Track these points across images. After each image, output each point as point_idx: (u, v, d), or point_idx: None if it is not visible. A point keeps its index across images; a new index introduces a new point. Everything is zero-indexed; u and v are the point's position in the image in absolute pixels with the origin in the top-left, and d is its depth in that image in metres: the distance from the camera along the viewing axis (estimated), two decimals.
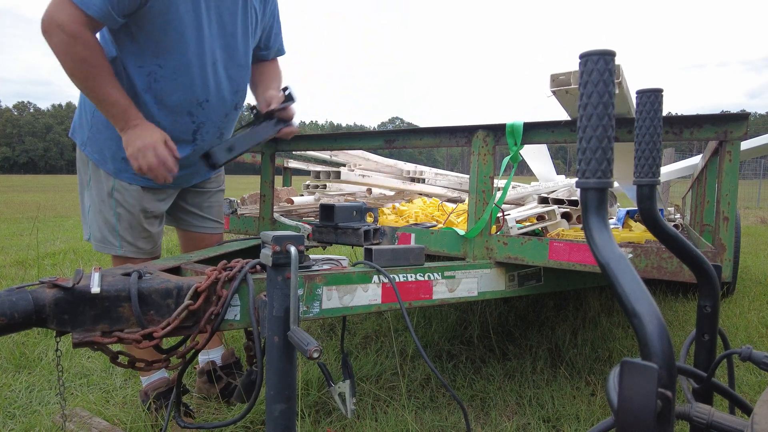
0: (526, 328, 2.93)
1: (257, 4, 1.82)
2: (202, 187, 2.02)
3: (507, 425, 1.87)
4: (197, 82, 1.69)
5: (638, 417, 0.45)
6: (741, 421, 0.64)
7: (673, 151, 6.99)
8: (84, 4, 1.44)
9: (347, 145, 2.22)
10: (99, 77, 1.51)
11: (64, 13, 1.44)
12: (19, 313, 1.02)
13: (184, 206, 2.00)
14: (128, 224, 1.79)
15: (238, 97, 1.85)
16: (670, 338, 0.50)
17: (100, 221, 1.80)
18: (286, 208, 2.84)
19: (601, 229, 0.58)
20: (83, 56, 1.48)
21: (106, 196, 1.78)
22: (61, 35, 1.45)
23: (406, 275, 1.50)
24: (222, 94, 1.77)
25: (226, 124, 1.86)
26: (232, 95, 1.81)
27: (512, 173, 1.85)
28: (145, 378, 1.95)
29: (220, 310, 1.22)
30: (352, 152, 3.62)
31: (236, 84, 1.82)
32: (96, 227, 1.81)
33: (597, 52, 0.59)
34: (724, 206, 1.43)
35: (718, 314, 0.86)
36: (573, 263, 1.62)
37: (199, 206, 2.03)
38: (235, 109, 1.87)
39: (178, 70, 1.64)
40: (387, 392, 2.13)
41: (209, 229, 2.07)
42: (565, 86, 1.52)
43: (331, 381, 1.36)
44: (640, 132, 0.81)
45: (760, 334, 2.94)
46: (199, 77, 1.69)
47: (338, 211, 1.78)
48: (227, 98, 1.80)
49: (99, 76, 1.51)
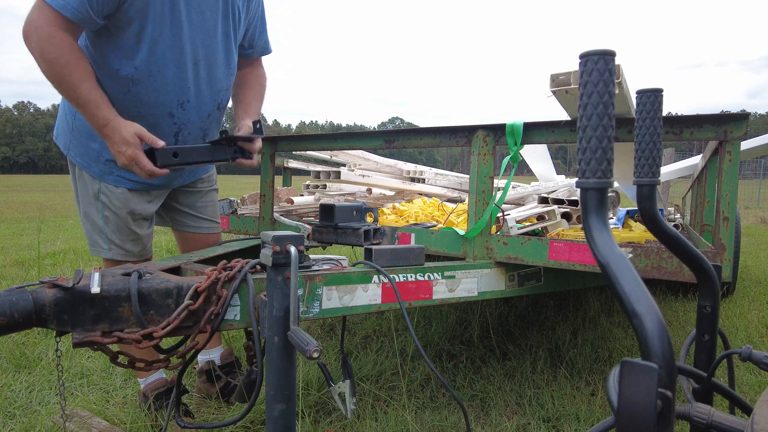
0: (526, 328, 2.93)
1: (240, 2, 1.80)
2: (194, 187, 2.01)
3: (507, 425, 1.87)
4: (176, 83, 1.67)
5: (638, 417, 0.45)
6: (741, 421, 0.64)
7: (673, 151, 6.99)
8: (60, 6, 1.43)
9: (347, 145, 2.22)
10: (72, 77, 1.48)
11: (41, 15, 1.44)
12: (20, 313, 1.02)
13: (177, 207, 2.00)
14: (116, 227, 1.78)
15: (221, 97, 1.84)
16: (670, 338, 0.50)
17: (88, 224, 1.81)
18: (286, 208, 2.84)
19: (601, 229, 0.58)
20: (55, 56, 1.46)
21: (93, 198, 1.78)
22: (36, 37, 1.44)
23: (406, 275, 1.50)
24: (203, 95, 1.76)
25: (210, 124, 1.85)
26: (213, 95, 1.80)
27: (512, 173, 1.85)
28: (143, 380, 1.95)
29: (220, 310, 1.22)
30: (352, 152, 3.62)
31: (218, 83, 1.80)
32: (85, 230, 1.83)
33: (597, 52, 0.59)
34: (724, 206, 1.43)
35: (718, 314, 0.86)
36: (573, 263, 1.62)
37: (192, 206, 2.02)
38: (218, 109, 1.85)
39: (156, 71, 1.63)
40: (387, 392, 2.13)
41: (205, 229, 2.06)
42: (565, 86, 1.52)
43: (331, 381, 1.36)
44: (640, 132, 0.81)
45: (760, 334, 2.94)
46: (178, 78, 1.67)
47: (338, 211, 1.78)
48: (208, 98, 1.78)
49: (72, 76, 1.48)
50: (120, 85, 1.63)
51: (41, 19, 1.44)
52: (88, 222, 1.81)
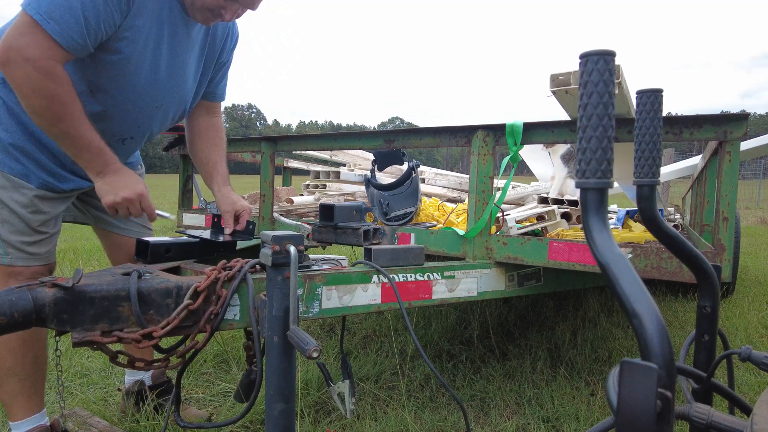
0: (526, 328, 2.93)
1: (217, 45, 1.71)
2: None
3: (507, 425, 1.87)
4: (129, 121, 1.55)
5: (638, 417, 0.45)
6: (740, 422, 0.64)
7: (673, 151, 7.00)
8: (62, 37, 1.26)
9: (347, 145, 2.22)
10: (72, 116, 1.32)
11: (35, 44, 1.24)
12: (19, 312, 1.02)
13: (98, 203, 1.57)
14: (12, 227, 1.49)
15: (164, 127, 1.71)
16: (669, 338, 0.50)
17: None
18: (286, 208, 2.84)
19: (601, 229, 0.58)
20: (55, 93, 1.28)
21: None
22: (29, 69, 1.24)
23: (406, 275, 1.50)
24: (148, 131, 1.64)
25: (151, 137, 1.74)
26: (159, 128, 1.68)
27: (512, 173, 1.85)
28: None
29: (219, 310, 1.22)
30: (352, 152, 3.62)
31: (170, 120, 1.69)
32: None
33: (597, 52, 0.59)
34: (724, 206, 1.44)
35: (718, 314, 0.86)
36: (573, 263, 1.62)
37: None
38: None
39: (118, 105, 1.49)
40: (387, 392, 2.13)
41: (135, 232, 1.83)
42: (565, 86, 1.52)
43: (331, 381, 1.36)
44: (640, 132, 0.81)
45: (760, 334, 2.94)
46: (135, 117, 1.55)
47: (338, 211, 1.78)
48: (154, 132, 1.68)
49: (72, 115, 1.32)
50: None
51: (36, 49, 1.24)
52: None
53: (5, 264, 1.49)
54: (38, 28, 1.24)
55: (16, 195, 1.48)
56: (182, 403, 2.06)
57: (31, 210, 1.50)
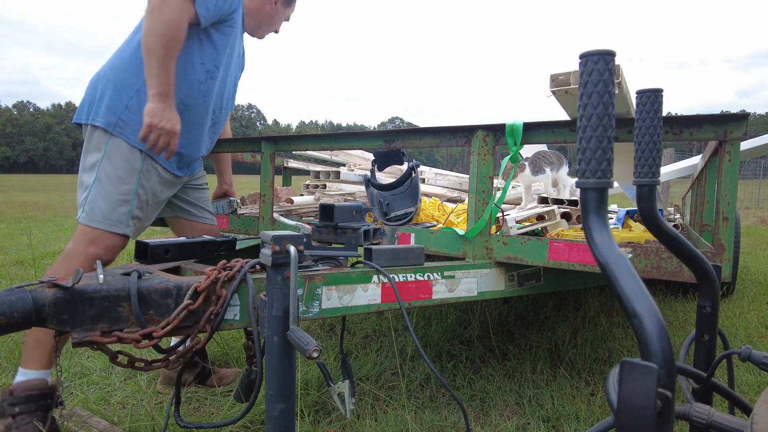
0: (526, 328, 2.93)
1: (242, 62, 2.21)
2: (199, 184, 2.21)
3: (507, 425, 1.87)
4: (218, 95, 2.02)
5: (638, 417, 0.45)
6: (740, 422, 0.64)
7: (673, 151, 7.00)
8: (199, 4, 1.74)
9: (347, 145, 2.22)
10: (176, 49, 1.71)
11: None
12: (19, 312, 1.02)
13: (188, 199, 2.16)
14: (141, 205, 1.86)
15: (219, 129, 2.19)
16: (669, 338, 0.50)
17: (112, 198, 1.78)
18: (286, 208, 2.84)
19: (601, 229, 0.58)
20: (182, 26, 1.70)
21: (127, 175, 1.80)
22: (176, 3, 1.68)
23: (406, 275, 1.50)
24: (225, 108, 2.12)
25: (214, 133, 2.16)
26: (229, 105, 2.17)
27: (512, 173, 1.85)
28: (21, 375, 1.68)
29: (219, 310, 1.22)
30: (352, 152, 3.61)
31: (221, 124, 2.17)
32: (104, 204, 1.78)
33: (597, 52, 0.59)
34: (724, 206, 1.43)
35: (718, 314, 0.86)
36: (573, 263, 1.62)
37: (198, 199, 2.21)
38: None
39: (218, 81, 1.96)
40: (387, 392, 2.13)
41: (209, 219, 2.25)
42: (565, 86, 1.52)
43: (331, 381, 1.36)
44: (640, 132, 0.81)
45: (760, 334, 2.94)
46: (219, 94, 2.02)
47: (338, 211, 1.78)
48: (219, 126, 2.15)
49: (176, 48, 1.71)
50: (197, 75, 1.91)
51: None
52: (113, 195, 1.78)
53: (124, 233, 1.80)
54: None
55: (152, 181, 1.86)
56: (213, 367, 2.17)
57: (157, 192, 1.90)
